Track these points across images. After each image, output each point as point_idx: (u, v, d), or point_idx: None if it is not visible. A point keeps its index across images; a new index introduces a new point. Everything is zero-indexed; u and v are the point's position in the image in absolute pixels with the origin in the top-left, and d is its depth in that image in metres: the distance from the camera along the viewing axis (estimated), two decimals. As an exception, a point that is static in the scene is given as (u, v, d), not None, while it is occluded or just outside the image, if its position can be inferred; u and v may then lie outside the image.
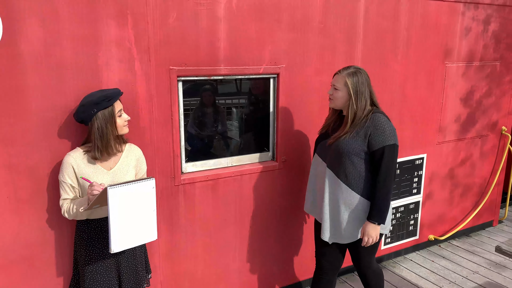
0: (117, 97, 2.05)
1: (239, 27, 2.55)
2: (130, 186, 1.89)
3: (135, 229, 1.96)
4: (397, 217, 3.69)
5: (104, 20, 2.16)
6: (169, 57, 2.38)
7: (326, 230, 2.42)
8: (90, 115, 1.98)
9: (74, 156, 2.03)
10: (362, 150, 2.26)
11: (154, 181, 1.98)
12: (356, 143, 2.25)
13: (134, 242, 1.97)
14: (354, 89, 2.26)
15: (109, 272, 2.11)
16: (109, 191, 1.82)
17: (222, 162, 2.79)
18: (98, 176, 2.04)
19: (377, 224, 2.26)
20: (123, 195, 1.87)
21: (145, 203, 1.96)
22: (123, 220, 1.90)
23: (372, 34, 3.09)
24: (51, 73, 2.09)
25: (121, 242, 1.91)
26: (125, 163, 2.14)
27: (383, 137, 2.21)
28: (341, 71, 2.32)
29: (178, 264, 2.70)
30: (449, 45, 3.55)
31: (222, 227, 2.82)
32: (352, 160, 2.27)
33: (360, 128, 2.26)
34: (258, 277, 3.06)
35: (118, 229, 1.89)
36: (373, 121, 2.24)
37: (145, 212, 1.98)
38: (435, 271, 3.62)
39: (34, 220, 2.20)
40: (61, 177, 2.03)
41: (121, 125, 2.09)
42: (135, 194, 1.92)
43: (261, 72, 2.70)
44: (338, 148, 2.29)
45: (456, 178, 4.00)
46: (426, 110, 3.57)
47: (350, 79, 2.26)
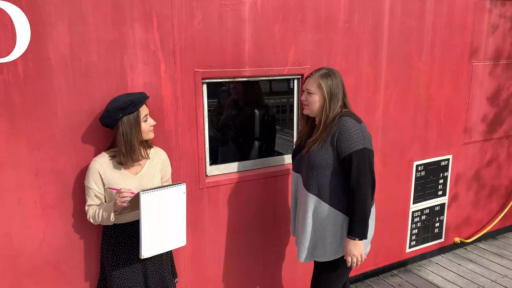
0: (143, 102, 2.02)
1: (263, 28, 2.51)
2: (162, 191, 1.87)
3: (165, 234, 1.93)
4: (422, 220, 3.61)
5: (129, 23, 2.14)
6: (194, 60, 2.35)
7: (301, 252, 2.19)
8: (115, 120, 1.96)
9: (100, 161, 2.01)
10: (332, 160, 2.03)
11: (185, 186, 1.95)
12: (326, 153, 2.03)
13: (164, 248, 1.95)
14: (328, 91, 2.06)
15: (136, 276, 2.09)
16: (142, 196, 1.80)
17: (246, 165, 2.75)
18: (125, 181, 2.02)
19: (358, 239, 2.01)
20: (155, 200, 1.85)
21: (175, 209, 1.94)
22: (154, 226, 1.88)
23: (397, 33, 3.02)
24: (77, 77, 2.08)
25: (151, 248, 1.89)
26: (151, 167, 2.11)
27: (349, 142, 1.98)
28: (313, 73, 2.12)
29: (203, 268, 2.67)
30: (475, 43, 3.45)
31: (246, 230, 2.78)
32: (324, 171, 2.05)
33: (327, 135, 2.04)
34: (281, 282, 3.01)
35: (149, 235, 1.87)
36: (338, 125, 2.01)
37: (175, 218, 1.95)
38: (462, 275, 3.52)
39: (61, 225, 2.19)
40: (87, 183, 2.02)
41: (147, 130, 2.05)
42: (166, 199, 1.89)
43: (285, 73, 2.65)
44: (309, 161, 2.08)
45: (482, 179, 3.90)
46: (452, 110, 3.49)
47: (324, 80, 2.06)
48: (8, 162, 2.01)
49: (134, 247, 2.08)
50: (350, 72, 2.88)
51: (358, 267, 3.33)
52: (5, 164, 2.00)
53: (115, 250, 2.07)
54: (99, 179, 2.00)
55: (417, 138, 3.35)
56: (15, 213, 2.07)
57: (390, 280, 3.46)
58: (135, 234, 2.08)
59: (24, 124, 2.01)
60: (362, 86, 2.96)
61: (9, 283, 2.12)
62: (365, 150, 1.99)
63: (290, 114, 2.90)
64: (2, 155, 1.99)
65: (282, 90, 3.20)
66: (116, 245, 2.07)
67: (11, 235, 2.08)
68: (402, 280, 3.45)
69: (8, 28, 1.89)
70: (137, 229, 2.08)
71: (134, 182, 2.03)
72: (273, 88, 3.18)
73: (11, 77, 1.94)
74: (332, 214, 2.08)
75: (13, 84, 1.95)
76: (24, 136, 2.02)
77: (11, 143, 2.00)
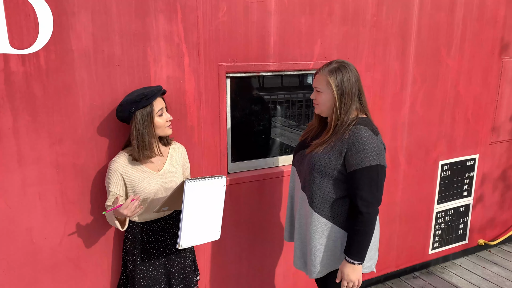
0: (157, 95, 1.91)
1: (289, 20, 2.42)
2: (205, 181, 1.84)
3: (203, 226, 1.90)
4: (445, 221, 3.50)
5: (153, 14, 2.07)
6: (218, 53, 2.27)
7: (296, 258, 2.07)
8: (128, 114, 1.88)
9: (120, 161, 1.93)
10: (335, 169, 1.82)
11: (225, 179, 1.91)
12: (329, 160, 1.82)
13: (200, 240, 1.92)
14: (338, 89, 1.80)
15: (159, 275, 2.04)
16: (187, 185, 1.76)
17: (268, 162, 2.67)
18: (148, 179, 1.95)
19: (357, 264, 1.82)
20: (198, 190, 1.82)
21: (215, 201, 1.91)
22: (194, 216, 1.85)
23: (426, 27, 2.91)
24: (100, 69, 2.01)
25: (189, 239, 1.87)
26: (172, 163, 2.05)
27: (362, 156, 1.75)
28: (322, 68, 1.86)
29: (224, 266, 2.60)
30: (506, 39, 3.32)
31: (267, 229, 2.70)
32: (322, 179, 1.85)
33: (336, 140, 1.81)
34: (303, 282, 2.94)
35: (189, 225, 1.84)
36: (352, 134, 1.77)
37: (214, 210, 1.93)
38: (487, 278, 3.41)
39: (81, 221, 2.14)
40: (108, 185, 1.95)
41: (162, 125, 1.94)
42: (208, 190, 1.86)
43: (310, 67, 2.56)
44: (310, 163, 1.88)
45: (509, 180, 3.77)
46: (480, 108, 3.36)
47: (333, 77, 1.80)
48: (29, 156, 1.96)
49: (159, 245, 2.03)
50: (377, 67, 2.77)
51: (379, 269, 3.24)
52: (26, 158, 1.96)
53: (139, 248, 2.02)
54: (120, 180, 1.92)
55: (444, 136, 3.24)
56: (36, 208, 2.03)
57: (413, 282, 3.36)
58: (160, 232, 2.03)
59: (45, 117, 1.95)
60: (389, 81, 2.86)
61: (28, 279, 2.08)
62: (378, 167, 1.77)
63: (306, 109, 2.82)
64: (23, 149, 1.94)
65: (293, 85, 3.10)
66: (140, 243, 2.02)
67: (31, 230, 2.04)
68: (425, 283, 3.35)
69: (30, 19, 1.83)
70: (161, 227, 2.04)
71: (157, 180, 1.97)
72: (284, 83, 3.08)
73: (33, 69, 1.89)
74: (329, 228, 1.90)
75: (35, 76, 1.90)
76: (46, 130, 1.96)
77: (32, 137, 1.95)
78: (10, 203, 1.97)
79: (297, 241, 2.07)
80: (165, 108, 1.99)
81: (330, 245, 1.92)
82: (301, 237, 2.04)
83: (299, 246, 2.06)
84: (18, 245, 2.02)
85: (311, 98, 1.97)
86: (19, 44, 1.84)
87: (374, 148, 1.76)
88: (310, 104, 2.81)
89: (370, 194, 1.77)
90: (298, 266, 2.09)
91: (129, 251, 2.06)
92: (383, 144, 1.84)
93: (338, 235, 1.91)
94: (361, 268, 1.85)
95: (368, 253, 1.94)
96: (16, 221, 1.99)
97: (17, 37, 1.83)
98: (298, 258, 2.07)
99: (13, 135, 1.91)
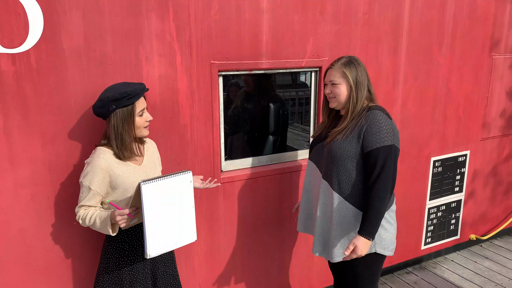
0: (140, 94, 1.80)
1: (282, 18, 2.42)
2: (165, 180, 1.69)
3: (173, 230, 1.75)
4: (438, 216, 3.53)
5: (145, 12, 2.06)
6: (211, 51, 2.27)
7: (316, 245, 2.14)
8: (107, 111, 1.77)
9: (105, 157, 1.80)
10: (357, 153, 1.94)
11: (191, 174, 1.78)
12: (350, 145, 1.93)
13: (173, 245, 1.78)
14: (354, 79, 1.96)
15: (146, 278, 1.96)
16: (142, 187, 1.62)
17: (262, 160, 2.68)
18: (135, 173, 1.86)
19: (366, 238, 1.87)
20: (158, 191, 1.68)
21: (182, 200, 1.76)
22: (159, 220, 1.70)
23: (417, 25, 2.93)
24: (92, 68, 2.00)
25: (158, 246, 1.71)
26: (149, 156, 1.98)
27: (378, 136, 1.87)
28: (334, 63, 2.01)
29: (218, 265, 2.61)
30: (496, 36, 3.35)
31: (262, 227, 2.71)
32: (346, 165, 1.96)
33: (354, 126, 1.94)
34: (297, 280, 2.95)
35: (154, 231, 1.69)
36: (368, 118, 1.91)
37: (183, 210, 1.78)
38: (479, 273, 3.45)
39: (74, 221, 2.13)
40: (87, 182, 1.78)
41: (141, 125, 1.85)
42: (172, 189, 1.72)
43: (303, 65, 2.57)
44: (330, 151, 1.98)
45: (500, 175, 3.81)
46: (471, 105, 3.39)
47: (348, 68, 1.96)
48: (21, 157, 1.95)
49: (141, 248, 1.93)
50: (369, 65, 2.79)
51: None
52: (18, 159, 1.94)
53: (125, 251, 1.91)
54: (104, 178, 1.79)
55: (435, 133, 3.27)
56: (28, 209, 2.01)
57: (406, 278, 3.39)
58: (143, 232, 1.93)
59: (37, 117, 1.94)
60: (381, 79, 2.88)
61: (22, 280, 2.07)
62: (393, 147, 1.88)
63: (299, 107, 2.83)
64: (15, 150, 1.93)
65: (286, 83, 3.10)
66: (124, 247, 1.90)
67: (25, 231, 2.02)
68: (418, 278, 3.39)
69: (20, 17, 1.82)
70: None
71: (141, 173, 1.89)
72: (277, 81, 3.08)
73: (23, 68, 1.87)
74: (354, 213, 2.00)
75: (26, 76, 1.88)
76: (38, 130, 1.95)
77: (24, 137, 1.93)
78: (2, 204, 1.95)
79: (319, 229, 2.12)
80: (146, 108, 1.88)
81: (354, 230, 2.02)
82: (323, 225, 2.11)
83: (321, 234, 2.12)
84: (11, 247, 2.01)
85: (326, 94, 2.07)
86: (9, 43, 1.82)
87: (389, 130, 1.89)
88: (303, 102, 2.82)
89: (383, 173, 1.87)
90: (319, 253, 2.15)
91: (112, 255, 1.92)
92: (396, 128, 1.96)
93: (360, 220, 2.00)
94: (369, 245, 1.91)
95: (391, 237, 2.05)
96: (9, 222, 1.98)
97: (7, 36, 1.81)
98: (319, 245, 2.14)
99: (4, 136, 1.90)
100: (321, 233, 2.13)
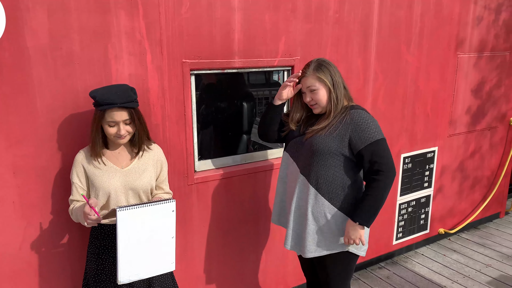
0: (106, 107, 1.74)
1: (254, 17, 2.42)
2: (144, 209, 1.66)
3: (149, 258, 1.71)
4: (408, 212, 3.62)
5: (113, 10, 2.01)
6: (182, 50, 2.24)
7: (289, 238, 2.14)
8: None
9: (83, 152, 1.90)
10: (339, 152, 1.97)
11: (174, 204, 1.73)
12: (333, 141, 1.96)
13: (147, 273, 1.74)
14: (330, 80, 1.98)
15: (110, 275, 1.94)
16: (118, 214, 1.59)
17: (236, 159, 2.67)
18: (109, 174, 1.85)
19: (359, 224, 1.95)
20: (135, 218, 1.64)
21: (162, 229, 1.72)
22: (134, 248, 1.66)
23: (386, 24, 2.99)
24: (58, 67, 1.94)
25: (130, 273, 1.68)
26: (142, 162, 1.94)
27: (369, 132, 1.93)
28: (306, 72, 2.01)
29: (193, 266, 2.58)
30: (461, 35, 3.46)
31: (237, 226, 2.70)
32: (326, 161, 1.98)
33: (338, 123, 1.97)
34: (273, 277, 2.96)
35: (127, 258, 1.65)
36: (353, 116, 1.95)
37: (162, 239, 1.73)
38: (447, 265, 3.56)
39: (43, 226, 2.06)
40: (71, 176, 1.90)
41: (110, 135, 1.82)
42: (151, 217, 1.68)
43: (275, 64, 2.58)
44: (312, 145, 1.99)
45: (466, 170, 3.95)
46: (438, 102, 3.50)
47: (321, 72, 1.98)
48: (-17, 160, 1.86)
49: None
50: (340, 63, 2.82)
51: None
52: (-20, 162, 1.86)
53: (101, 253, 1.92)
54: (82, 172, 1.87)
55: (405, 131, 3.35)
56: (-8, 214, 1.93)
57: (378, 273, 3.46)
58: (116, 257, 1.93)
59: (1, 118, 1.86)
60: (352, 77, 2.92)
61: (-14, 289, 1.98)
62: (383, 140, 1.95)
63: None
64: (-24, 152, 1.84)
65: (260, 82, 3.11)
66: (101, 248, 1.92)
67: (-12, 237, 1.94)
68: (390, 272, 3.46)
69: (-19, 14, 1.74)
70: None
71: (119, 176, 1.87)
72: (251, 80, 3.09)
73: (-15, 67, 1.79)
74: (329, 210, 2.02)
75: (-12, 75, 1.80)
76: (1, 131, 1.87)
77: (-13, 139, 1.85)
78: (-37, 209, 1.86)
79: (292, 222, 2.12)
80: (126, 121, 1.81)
81: (328, 227, 2.04)
82: (297, 220, 2.12)
83: (294, 228, 2.13)
84: (-27, 254, 1.92)
85: (306, 102, 2.06)
86: (-31, 41, 1.74)
87: (376, 125, 1.96)
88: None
89: (383, 163, 1.92)
90: (291, 247, 2.16)
91: (90, 257, 1.96)
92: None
93: (339, 220, 2.04)
94: (363, 231, 2.00)
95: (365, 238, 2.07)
96: (-30, 228, 1.89)
97: (-33, 34, 1.73)
98: (292, 239, 2.14)
99: (-35, 138, 1.81)
100: (294, 227, 2.14)
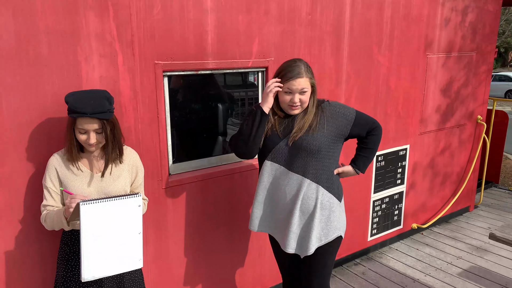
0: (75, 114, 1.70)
1: (227, 18, 2.41)
2: (108, 203, 1.62)
3: (115, 254, 1.68)
4: (382, 208, 3.70)
5: (82, 11, 1.97)
6: (154, 51, 2.21)
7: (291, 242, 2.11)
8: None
9: (57, 155, 1.84)
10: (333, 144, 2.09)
11: (140, 199, 1.71)
12: (321, 137, 2.04)
13: (113, 270, 1.69)
14: (314, 81, 2.06)
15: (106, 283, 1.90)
16: (81, 208, 1.56)
17: (211, 161, 2.66)
18: (82, 179, 1.82)
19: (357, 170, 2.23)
20: (99, 213, 1.60)
21: (128, 224, 1.69)
22: (98, 244, 1.63)
23: (357, 25, 3.04)
24: (25, 70, 1.88)
25: (94, 269, 1.64)
26: (116, 168, 1.91)
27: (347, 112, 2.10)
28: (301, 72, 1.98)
29: (168, 270, 2.56)
30: (430, 36, 3.56)
31: (213, 229, 2.69)
32: (323, 157, 2.07)
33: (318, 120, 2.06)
34: (250, 279, 2.96)
35: (91, 254, 1.62)
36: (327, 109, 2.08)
37: (128, 235, 1.70)
38: (420, 259, 3.66)
39: (10, 234, 1.99)
40: (43, 180, 1.83)
41: (81, 141, 1.78)
42: (116, 213, 1.65)
43: (249, 65, 2.58)
44: (305, 146, 2.02)
45: (436, 167, 4.06)
46: (409, 102, 3.58)
47: (310, 72, 2.03)
48: None
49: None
50: (313, 64, 2.85)
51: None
52: None
53: (70, 261, 1.87)
54: (55, 176, 1.82)
55: (377, 129, 3.41)
56: (-43, 223, 1.86)
57: (354, 269, 3.52)
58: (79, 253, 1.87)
59: (-37, 124, 1.79)
60: (325, 77, 2.96)
61: (-48, 301, 1.91)
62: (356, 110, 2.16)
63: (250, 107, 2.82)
64: None
65: (236, 83, 3.11)
66: (71, 255, 1.87)
67: (-47, 248, 1.87)
68: (365, 268, 3.53)
69: None
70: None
71: (93, 181, 1.84)
72: (227, 81, 3.08)
73: None
74: (336, 203, 2.13)
75: (-51, 79, 1.73)
76: (-35, 137, 1.80)
77: (-51, 145, 1.78)
78: None
79: (293, 225, 2.09)
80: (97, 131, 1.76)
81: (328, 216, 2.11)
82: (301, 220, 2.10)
83: (296, 230, 2.10)
84: None
85: (291, 103, 2.02)
86: None
87: (343, 105, 2.15)
88: (252, 102, 2.83)
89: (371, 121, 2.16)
90: (294, 249, 2.12)
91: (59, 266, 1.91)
92: None
93: (337, 208, 2.14)
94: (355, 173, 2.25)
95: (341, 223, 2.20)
96: None
97: None
98: (294, 241, 2.11)
99: None
100: (297, 229, 2.10)
